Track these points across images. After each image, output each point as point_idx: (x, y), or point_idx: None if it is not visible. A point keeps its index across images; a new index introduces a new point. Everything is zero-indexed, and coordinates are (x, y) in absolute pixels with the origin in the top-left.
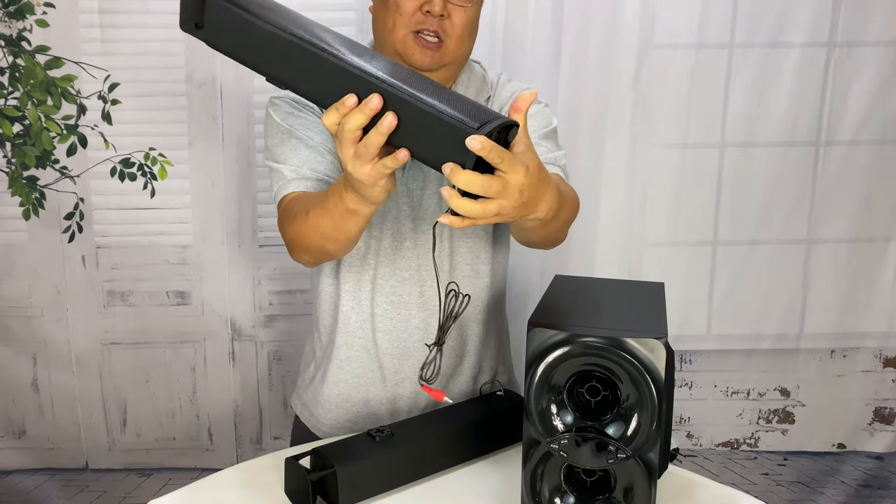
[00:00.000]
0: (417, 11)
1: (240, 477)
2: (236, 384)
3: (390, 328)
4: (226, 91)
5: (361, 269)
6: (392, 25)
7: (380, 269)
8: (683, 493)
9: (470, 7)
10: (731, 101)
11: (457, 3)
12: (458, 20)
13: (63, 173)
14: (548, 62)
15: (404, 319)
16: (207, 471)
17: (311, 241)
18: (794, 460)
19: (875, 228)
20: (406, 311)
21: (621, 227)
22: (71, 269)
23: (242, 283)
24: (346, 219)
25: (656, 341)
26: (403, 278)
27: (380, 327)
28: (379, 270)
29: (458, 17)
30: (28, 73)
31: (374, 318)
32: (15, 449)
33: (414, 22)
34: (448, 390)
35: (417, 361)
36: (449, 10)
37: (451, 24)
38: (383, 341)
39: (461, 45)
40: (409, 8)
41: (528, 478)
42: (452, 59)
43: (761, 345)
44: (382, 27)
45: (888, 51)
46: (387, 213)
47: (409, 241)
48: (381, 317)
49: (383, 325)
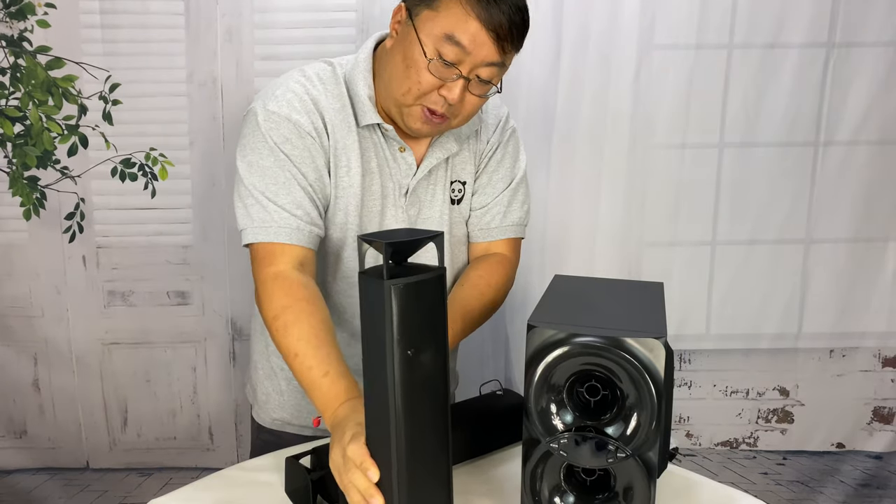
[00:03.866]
0: (435, 91)
1: (240, 476)
2: (237, 384)
3: None
4: (226, 91)
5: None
6: (406, 91)
7: None
8: (683, 493)
9: (484, 96)
10: (730, 102)
11: (474, 94)
12: (469, 106)
13: (64, 173)
14: (548, 62)
15: None
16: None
17: (285, 356)
18: (794, 460)
19: (874, 228)
20: None
21: (621, 226)
22: (72, 269)
23: (243, 283)
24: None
25: (656, 341)
26: None
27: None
28: None
29: (471, 104)
30: (29, 74)
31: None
32: (16, 448)
33: (427, 98)
34: None
35: None
36: (465, 96)
37: (462, 107)
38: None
39: (463, 122)
40: (428, 86)
41: (528, 477)
42: (449, 129)
43: (760, 344)
44: (394, 85)
45: (887, 51)
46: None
47: None
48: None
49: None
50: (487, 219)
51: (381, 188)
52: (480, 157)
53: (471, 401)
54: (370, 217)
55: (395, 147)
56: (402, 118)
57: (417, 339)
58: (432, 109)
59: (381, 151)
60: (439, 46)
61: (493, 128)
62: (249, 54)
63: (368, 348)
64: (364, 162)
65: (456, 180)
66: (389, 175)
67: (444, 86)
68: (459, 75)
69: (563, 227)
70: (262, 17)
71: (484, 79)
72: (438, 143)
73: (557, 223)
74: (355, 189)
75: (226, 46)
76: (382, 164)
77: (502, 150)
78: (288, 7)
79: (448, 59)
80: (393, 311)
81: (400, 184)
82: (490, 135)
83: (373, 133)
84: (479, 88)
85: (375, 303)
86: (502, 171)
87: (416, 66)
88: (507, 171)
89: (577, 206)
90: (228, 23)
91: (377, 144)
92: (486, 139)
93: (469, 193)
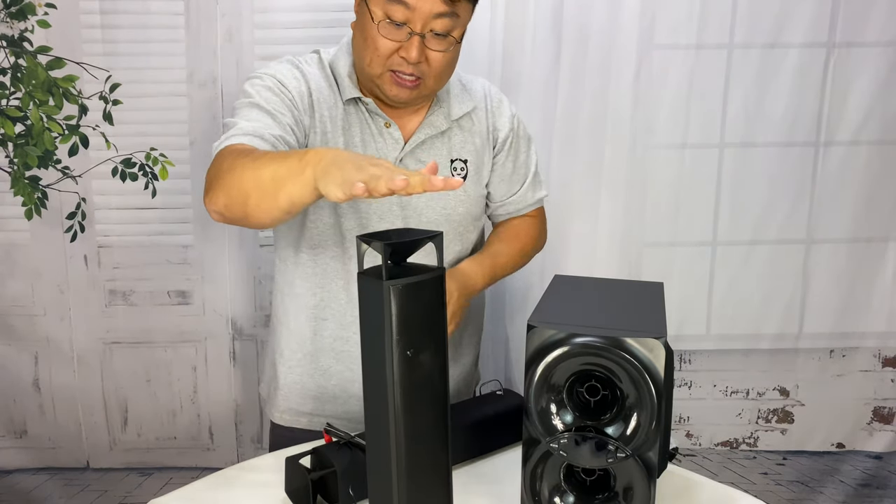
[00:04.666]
0: (395, 54)
1: (240, 476)
2: (237, 384)
3: None
4: (226, 91)
5: (347, 276)
6: (369, 61)
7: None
8: (683, 493)
9: (447, 50)
10: (730, 102)
11: (433, 48)
12: (435, 63)
13: (65, 173)
14: (548, 63)
15: None
16: (208, 470)
17: (242, 182)
18: (794, 460)
19: (874, 228)
20: None
21: (621, 226)
22: (73, 269)
23: (243, 282)
24: (291, 184)
25: (655, 341)
26: None
27: None
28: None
29: (436, 60)
30: (30, 74)
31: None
32: (16, 448)
33: (390, 62)
34: None
35: None
36: (427, 54)
37: (429, 66)
38: None
39: (440, 82)
40: (386, 50)
41: (528, 477)
42: (431, 91)
43: (760, 345)
44: (360, 58)
45: (887, 51)
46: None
47: None
48: None
49: None
50: (512, 209)
51: None
52: (493, 143)
53: (471, 401)
54: None
55: (381, 123)
56: (379, 90)
57: (417, 339)
58: (400, 73)
59: (366, 127)
60: (386, 9)
61: (508, 119)
62: (249, 54)
63: (367, 348)
64: (348, 136)
65: (457, 158)
66: (376, 150)
67: (402, 47)
68: (412, 32)
69: (563, 227)
70: (262, 17)
71: (440, 32)
72: (427, 121)
73: (558, 223)
74: None
75: (226, 46)
76: (368, 139)
77: (516, 144)
78: (288, 7)
79: (396, 19)
80: (392, 311)
81: (386, 158)
82: (503, 122)
83: (357, 109)
84: (436, 43)
85: (374, 303)
86: (520, 163)
87: (370, 34)
88: (523, 162)
89: (577, 206)
90: (228, 23)
91: (362, 121)
92: (494, 124)
93: (473, 172)
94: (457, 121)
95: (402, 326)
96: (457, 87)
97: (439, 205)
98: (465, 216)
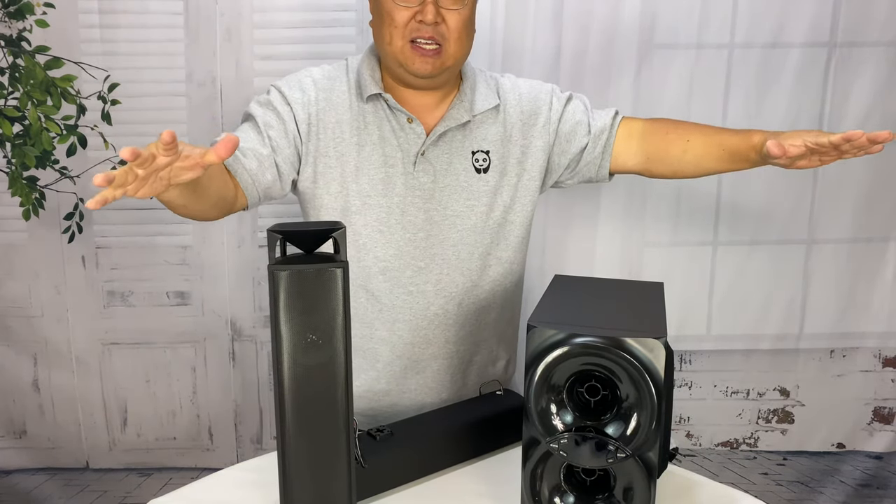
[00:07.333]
0: (411, 20)
1: (240, 477)
2: (236, 384)
3: (409, 318)
4: (226, 91)
5: (365, 273)
6: (389, 38)
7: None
8: (683, 493)
9: (463, 8)
10: (731, 101)
11: (449, 7)
12: (453, 23)
13: (63, 173)
14: (548, 62)
15: (423, 307)
16: (208, 470)
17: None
18: (794, 460)
19: (875, 228)
20: (424, 300)
21: (621, 226)
22: (71, 270)
23: (242, 283)
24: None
25: (656, 341)
26: (419, 268)
27: (399, 318)
28: (392, 263)
29: (453, 20)
30: (28, 74)
31: (393, 308)
32: (15, 449)
33: (409, 31)
34: (465, 374)
35: (438, 349)
36: (442, 14)
37: (447, 28)
38: (403, 331)
39: (460, 47)
40: (403, 18)
41: (528, 477)
42: (454, 61)
43: (761, 345)
44: (381, 41)
45: (888, 51)
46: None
47: (422, 232)
48: (399, 308)
49: (402, 315)
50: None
51: (382, 157)
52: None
53: (471, 401)
54: (373, 184)
55: (403, 118)
56: (404, 69)
57: (309, 326)
58: (421, 42)
59: (386, 123)
60: None
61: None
62: (249, 54)
63: (272, 332)
64: (364, 134)
65: (478, 150)
66: (397, 145)
67: (418, 11)
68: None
69: (563, 227)
70: (262, 17)
71: None
72: (449, 115)
73: (558, 223)
74: (348, 158)
75: (225, 46)
76: (388, 134)
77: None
78: (288, 7)
79: None
80: (280, 296)
81: (408, 152)
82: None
83: (377, 107)
84: (451, 2)
85: (270, 287)
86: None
87: (386, 8)
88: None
89: (577, 206)
90: (228, 23)
91: (382, 118)
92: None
93: (496, 163)
94: (480, 115)
95: (290, 312)
96: (483, 84)
97: (462, 196)
98: (490, 206)
